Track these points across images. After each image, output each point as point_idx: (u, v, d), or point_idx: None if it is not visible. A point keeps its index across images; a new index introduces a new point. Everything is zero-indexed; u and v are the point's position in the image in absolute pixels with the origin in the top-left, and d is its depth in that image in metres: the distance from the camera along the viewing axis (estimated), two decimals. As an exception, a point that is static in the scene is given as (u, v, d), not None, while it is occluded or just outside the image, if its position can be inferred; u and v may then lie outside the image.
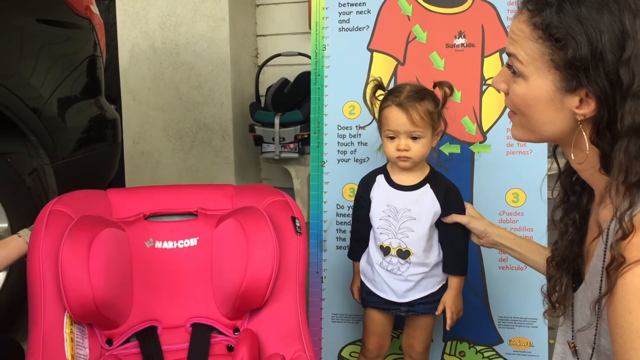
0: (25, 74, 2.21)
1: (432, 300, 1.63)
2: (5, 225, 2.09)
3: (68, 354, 1.31)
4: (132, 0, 3.58)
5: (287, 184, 3.52)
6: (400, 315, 1.66)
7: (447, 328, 1.65)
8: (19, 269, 2.11)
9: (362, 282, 1.70)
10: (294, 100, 3.44)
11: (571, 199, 1.08)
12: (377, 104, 1.62)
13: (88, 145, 2.48)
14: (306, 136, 3.31)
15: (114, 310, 1.39)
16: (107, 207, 1.55)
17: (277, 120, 3.31)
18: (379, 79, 1.64)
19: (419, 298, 1.62)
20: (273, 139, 3.32)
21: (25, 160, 2.25)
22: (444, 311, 1.64)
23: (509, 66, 1.01)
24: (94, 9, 2.59)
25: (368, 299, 1.68)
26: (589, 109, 0.92)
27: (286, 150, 3.33)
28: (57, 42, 2.38)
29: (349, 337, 1.93)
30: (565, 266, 1.07)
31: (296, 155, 3.34)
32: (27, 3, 2.26)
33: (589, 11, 0.89)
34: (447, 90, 1.57)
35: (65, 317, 1.34)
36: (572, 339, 1.06)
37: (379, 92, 1.64)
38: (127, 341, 1.43)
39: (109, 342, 1.42)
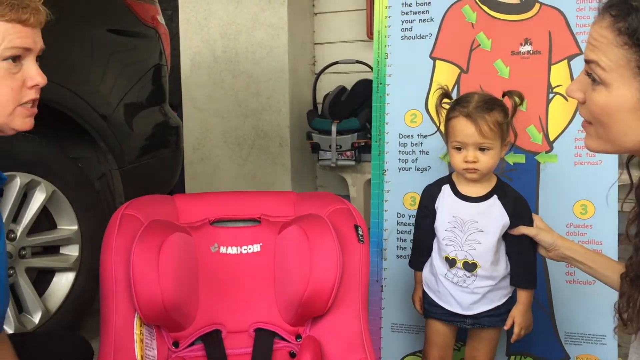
0: (96, 82, 2.30)
1: (498, 313, 1.59)
2: (75, 227, 2.17)
3: (138, 354, 1.35)
4: (194, 9, 3.68)
5: (342, 192, 3.53)
6: (465, 327, 1.63)
7: (512, 341, 1.61)
8: (86, 270, 2.19)
9: (424, 293, 1.67)
10: (351, 107, 3.45)
11: None
12: (443, 112, 1.61)
13: (153, 151, 2.56)
14: (363, 144, 3.31)
15: (181, 313, 1.42)
16: (174, 212, 1.59)
17: (334, 128, 3.32)
18: (445, 87, 1.62)
19: (485, 311, 1.59)
20: (330, 146, 3.33)
21: (95, 165, 2.34)
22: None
23: (587, 74, 0.98)
24: (160, 18, 2.68)
25: (431, 310, 1.66)
26: None
27: (343, 157, 3.33)
28: (126, 51, 2.46)
29: (409, 347, 1.91)
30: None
31: (353, 162, 3.34)
32: (99, 14, 2.35)
33: None
34: (517, 99, 1.54)
35: (135, 319, 1.38)
36: None
37: (445, 100, 1.62)
38: (192, 344, 1.46)
39: (176, 344, 1.45)
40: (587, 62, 0.97)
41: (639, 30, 0.89)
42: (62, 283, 2.16)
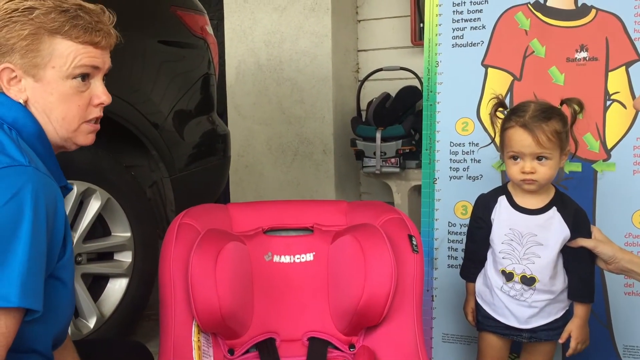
0: (147, 91, 2.35)
1: (555, 327, 1.56)
2: (129, 234, 2.22)
3: (196, 361, 1.37)
4: (239, 18, 3.72)
5: (386, 199, 3.51)
6: (522, 341, 1.60)
7: (567, 355, 1.57)
8: (139, 276, 2.23)
9: (477, 305, 1.65)
10: (395, 114, 3.43)
11: None
12: (498, 122, 1.58)
13: (202, 159, 2.59)
14: (407, 151, 3.29)
15: (237, 321, 1.44)
16: (228, 221, 1.61)
17: (378, 135, 3.31)
18: (500, 96, 1.60)
19: (542, 325, 1.55)
20: (374, 153, 3.32)
21: (147, 173, 2.38)
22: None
23: None
24: (209, 29, 2.72)
25: (485, 322, 1.63)
26: None
27: (387, 164, 3.32)
28: (176, 61, 2.51)
29: (460, 358, 1.89)
30: None
31: (397, 169, 3.32)
32: (151, 26, 2.41)
33: None
34: (576, 107, 1.51)
35: (193, 326, 1.40)
36: None
37: (500, 109, 1.60)
38: (247, 351, 1.47)
39: (231, 351, 1.47)
40: None
41: None
42: (116, 288, 2.20)
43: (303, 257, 1.57)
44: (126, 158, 2.34)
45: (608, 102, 1.78)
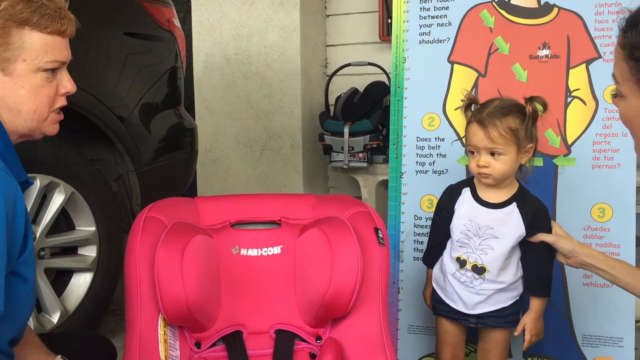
0: (113, 84, 2.32)
1: (503, 315, 1.61)
2: (93, 228, 2.19)
3: (162, 354, 1.36)
4: (207, 12, 3.69)
5: (354, 193, 3.53)
6: (470, 326, 1.65)
7: (524, 349, 1.62)
8: (104, 270, 2.21)
9: (433, 290, 1.70)
10: (363, 109, 3.45)
11: None
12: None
13: (169, 153, 2.57)
14: (375, 146, 3.31)
15: (204, 314, 1.44)
16: (195, 215, 1.60)
17: (346, 130, 3.32)
18: (472, 94, 1.63)
19: (488, 311, 1.60)
20: (342, 148, 3.34)
21: (112, 167, 2.36)
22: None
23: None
24: (176, 22, 2.69)
25: (438, 307, 1.68)
26: None
27: (355, 159, 3.33)
28: (142, 53, 2.48)
29: (425, 349, 1.92)
30: None
31: (365, 164, 3.34)
32: (117, 18, 2.37)
33: None
34: (538, 107, 1.54)
35: (159, 319, 1.40)
36: None
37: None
38: (214, 344, 1.47)
39: (198, 344, 1.46)
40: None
41: (634, 46, 0.93)
42: (80, 283, 2.18)
43: (270, 250, 1.58)
44: (91, 151, 2.31)
45: (569, 99, 1.83)
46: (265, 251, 1.58)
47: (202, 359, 1.44)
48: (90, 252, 2.19)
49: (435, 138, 1.94)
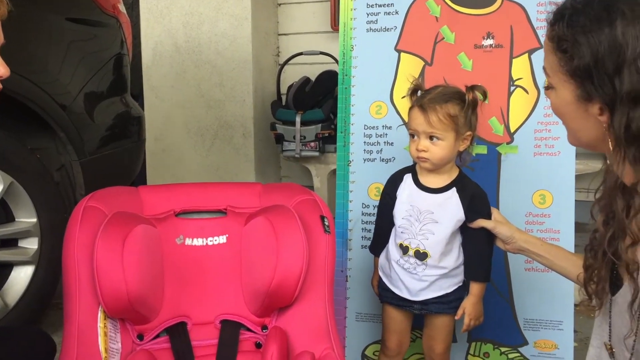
0: (55, 71, 2.24)
1: (446, 301, 1.63)
2: (34, 220, 2.12)
3: (102, 347, 1.33)
4: (155, -2, 3.61)
5: (306, 182, 3.53)
6: (414, 313, 1.67)
7: (462, 332, 1.65)
8: (46, 263, 2.14)
9: (380, 277, 1.71)
10: (315, 98, 3.45)
11: (618, 202, 1.07)
12: None
13: (114, 142, 2.51)
14: (327, 135, 3.32)
15: (146, 306, 1.41)
16: (138, 204, 1.57)
17: (298, 119, 3.32)
18: (419, 80, 1.65)
19: (432, 297, 1.63)
20: (294, 137, 3.33)
21: (54, 156, 2.28)
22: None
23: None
24: (121, 7, 2.62)
25: (384, 294, 1.70)
26: (607, 115, 0.94)
27: (307, 148, 3.33)
28: (86, 40, 2.41)
29: (373, 336, 1.94)
30: (604, 257, 1.05)
31: (317, 153, 3.34)
32: (59, 2, 2.29)
33: (591, 22, 0.91)
34: (479, 95, 1.57)
35: (99, 312, 1.36)
36: (610, 340, 1.05)
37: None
38: (157, 336, 1.45)
39: (140, 337, 1.44)
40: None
41: (561, 38, 0.95)
42: (21, 277, 2.10)
43: (216, 240, 1.56)
44: (31, 140, 2.23)
45: (512, 88, 1.86)
46: (210, 240, 1.56)
47: (144, 351, 1.41)
48: (31, 244, 2.12)
49: (383, 126, 1.95)
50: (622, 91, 0.89)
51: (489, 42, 1.88)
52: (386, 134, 1.94)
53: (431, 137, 1.55)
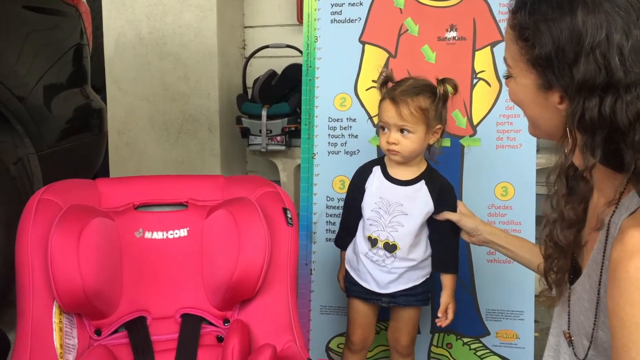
0: (11, 61, 2.17)
1: (414, 293, 1.64)
2: (-11, 214, 2.06)
3: (57, 343, 1.29)
4: (118, -12, 3.53)
5: (272, 177, 3.51)
6: (382, 306, 1.67)
7: (443, 326, 1.64)
8: (2, 259, 2.08)
9: (346, 271, 1.70)
10: (281, 92, 3.42)
11: (559, 187, 1.09)
12: None
13: (74, 135, 2.45)
14: (293, 129, 3.29)
15: (103, 300, 1.38)
16: (96, 197, 1.53)
17: (264, 113, 3.29)
18: (389, 71, 1.64)
19: (400, 290, 1.63)
20: (260, 131, 3.30)
21: (10, 149, 2.21)
22: (430, 302, 1.66)
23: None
24: (81, -4, 2.56)
25: (351, 288, 1.69)
26: (566, 104, 0.94)
27: (273, 142, 3.30)
28: (44, 29, 2.34)
29: (337, 329, 1.94)
30: (563, 247, 1.07)
31: (283, 147, 3.31)
32: (14, -11, 2.22)
33: (553, 10, 0.91)
34: (449, 88, 1.57)
35: (54, 307, 1.32)
36: (569, 329, 1.06)
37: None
38: (115, 331, 1.42)
39: (98, 332, 1.40)
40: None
41: (523, 26, 0.95)
42: (-25, 273, 2.04)
43: (177, 233, 1.53)
44: (-14, 133, 2.16)
45: (474, 80, 1.87)
46: (171, 234, 1.53)
47: (102, 346, 1.38)
48: (-14, 239, 2.06)
49: (347, 118, 1.94)
50: (578, 80, 0.90)
51: (452, 34, 1.88)
52: (351, 127, 1.94)
53: (402, 130, 1.54)
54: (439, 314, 1.63)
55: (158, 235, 1.52)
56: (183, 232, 1.53)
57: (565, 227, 0.99)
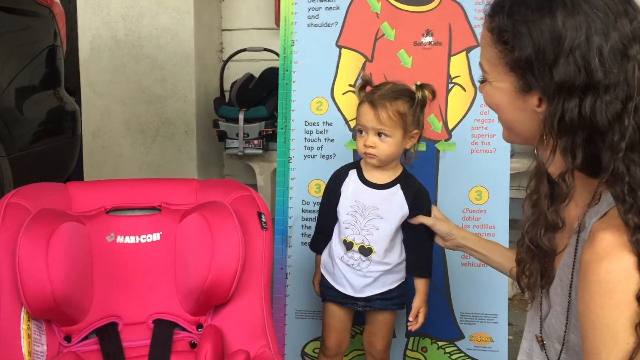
0: (-19, 62, 2.14)
1: (389, 297, 1.64)
2: (-42, 218, 2.00)
3: (25, 350, 1.27)
4: (93, -11, 3.49)
5: (250, 181, 3.49)
6: (358, 310, 1.67)
7: (414, 329, 1.64)
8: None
9: (322, 275, 1.70)
10: (258, 96, 3.41)
11: (541, 190, 1.09)
12: None
13: (46, 138, 2.42)
14: (271, 132, 3.28)
15: (73, 306, 1.35)
16: (67, 201, 1.51)
17: (241, 116, 3.27)
18: (368, 75, 1.64)
19: (376, 294, 1.63)
20: (237, 134, 3.28)
21: (-20, 152, 2.17)
22: (405, 307, 1.66)
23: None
24: (55, -3, 2.52)
25: (327, 292, 1.69)
26: (545, 107, 0.94)
27: (250, 146, 3.29)
28: (16, 30, 2.30)
29: (313, 333, 1.93)
30: (536, 251, 1.07)
31: (260, 151, 3.30)
32: (-15, -11, 2.19)
33: (533, 12, 0.91)
34: (427, 94, 1.57)
35: (22, 313, 1.30)
36: (541, 333, 1.07)
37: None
38: (86, 338, 1.39)
39: (68, 338, 1.38)
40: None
41: (502, 29, 0.94)
42: (-57, 279, 1.99)
43: (149, 237, 1.51)
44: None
45: (450, 85, 1.88)
46: (143, 238, 1.51)
47: (72, 353, 1.35)
48: (-46, 244, 2.01)
49: (324, 122, 1.94)
50: (558, 81, 0.90)
51: (428, 39, 1.89)
52: (327, 131, 1.93)
53: (379, 134, 1.55)
54: (410, 318, 1.63)
55: (130, 239, 1.50)
56: (156, 237, 1.51)
57: (550, 231, 0.99)
